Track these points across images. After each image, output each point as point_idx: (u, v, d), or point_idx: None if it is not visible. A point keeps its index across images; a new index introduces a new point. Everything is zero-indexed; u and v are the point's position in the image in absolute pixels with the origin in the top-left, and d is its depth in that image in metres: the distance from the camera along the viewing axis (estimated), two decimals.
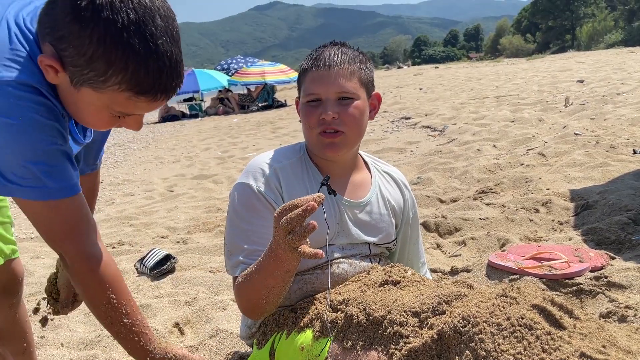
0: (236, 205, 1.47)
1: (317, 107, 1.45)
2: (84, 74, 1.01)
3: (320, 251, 1.15)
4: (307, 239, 1.18)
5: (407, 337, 1.19)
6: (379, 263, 1.58)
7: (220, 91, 17.49)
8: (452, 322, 1.13)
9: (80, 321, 2.35)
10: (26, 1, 1.17)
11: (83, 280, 1.17)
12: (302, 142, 1.61)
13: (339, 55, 1.47)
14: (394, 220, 1.63)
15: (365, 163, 1.66)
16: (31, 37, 1.08)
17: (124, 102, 1.04)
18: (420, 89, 13.51)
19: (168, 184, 5.95)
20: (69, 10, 0.97)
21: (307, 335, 1.36)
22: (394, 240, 1.64)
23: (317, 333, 1.33)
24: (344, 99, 1.45)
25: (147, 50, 0.98)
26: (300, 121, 1.55)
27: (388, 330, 1.22)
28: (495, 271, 2.29)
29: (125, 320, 1.16)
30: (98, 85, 1.02)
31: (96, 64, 0.99)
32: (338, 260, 1.51)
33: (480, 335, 1.08)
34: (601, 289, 2.01)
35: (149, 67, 1.00)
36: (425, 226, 3.03)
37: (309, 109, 1.46)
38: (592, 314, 1.24)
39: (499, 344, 1.05)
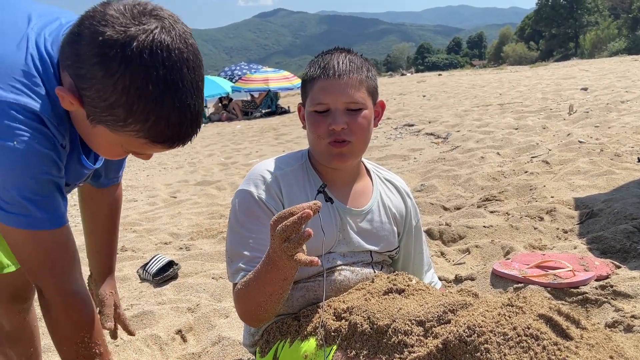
0: (237, 212, 1.47)
1: (325, 117, 1.44)
2: (102, 116, 0.99)
3: (316, 259, 1.14)
4: (304, 247, 1.17)
5: (412, 346, 1.18)
6: (381, 270, 1.57)
7: (220, 98, 17.53)
8: (457, 331, 1.12)
9: None
10: (52, 16, 1.14)
11: (59, 318, 1.13)
12: (304, 149, 1.60)
13: (347, 63, 1.46)
14: (395, 229, 1.62)
15: (367, 170, 1.65)
16: (48, 61, 1.05)
17: (139, 146, 1.04)
18: (424, 96, 13.52)
19: (171, 190, 5.95)
20: (96, 52, 0.94)
21: (311, 344, 1.35)
22: (396, 249, 1.63)
23: (320, 341, 1.32)
24: (352, 108, 1.44)
25: (171, 105, 0.97)
26: (303, 127, 1.55)
27: (392, 340, 1.20)
28: (499, 279, 2.28)
29: (104, 339, 1.16)
30: (115, 129, 1.00)
31: (117, 111, 0.96)
32: (340, 268, 1.50)
33: (486, 345, 1.07)
34: (607, 298, 2.00)
35: (170, 120, 0.98)
36: (429, 234, 3.02)
37: (318, 118, 1.45)
38: (598, 323, 1.22)
39: (505, 354, 1.04)
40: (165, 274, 2.83)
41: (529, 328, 1.06)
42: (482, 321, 1.11)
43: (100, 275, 1.59)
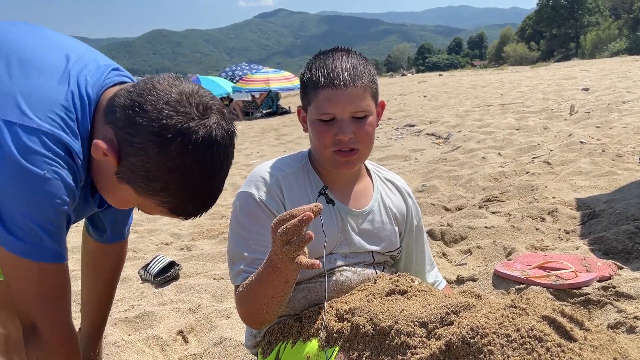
0: (238, 214, 1.47)
1: (331, 126, 1.41)
2: (135, 181, 1.04)
3: (318, 262, 1.13)
4: (306, 249, 1.17)
5: (415, 347, 1.17)
6: (383, 271, 1.57)
7: (221, 99, 17.55)
8: (460, 333, 1.12)
9: None
10: (89, 57, 1.17)
11: (51, 353, 1.12)
12: (304, 150, 1.60)
13: (351, 70, 1.43)
14: (396, 229, 1.61)
15: (368, 170, 1.65)
16: (87, 102, 1.09)
17: (158, 211, 1.09)
18: (425, 96, 13.52)
19: None
20: (157, 132, 0.99)
21: (313, 345, 1.35)
22: (397, 249, 1.63)
23: (323, 342, 1.32)
24: (358, 117, 1.43)
25: (206, 192, 1.06)
26: (304, 130, 1.54)
27: (395, 341, 1.20)
28: (501, 280, 2.27)
29: None
30: (142, 194, 1.05)
31: (154, 184, 1.02)
32: (341, 268, 1.50)
33: (489, 347, 1.07)
34: (609, 299, 1.99)
35: (197, 202, 1.07)
36: (431, 234, 3.01)
37: (323, 127, 1.43)
38: (601, 324, 1.22)
39: (508, 356, 1.04)
40: (166, 275, 2.83)
41: (532, 329, 1.06)
42: (485, 323, 1.11)
43: (91, 330, 1.58)
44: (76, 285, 1.63)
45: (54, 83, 1.07)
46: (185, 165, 1.01)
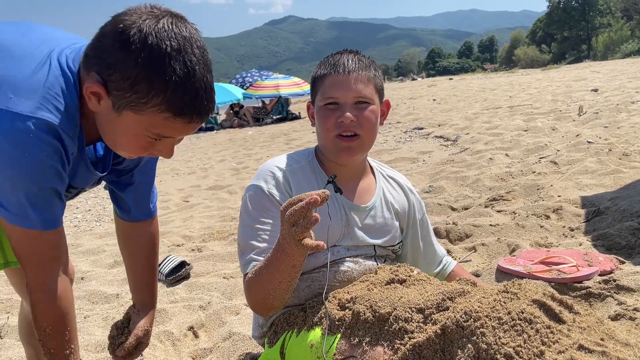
0: (248, 206, 1.53)
1: (334, 111, 1.50)
2: (126, 97, 1.10)
3: (322, 242, 1.19)
4: (312, 234, 1.22)
5: (412, 332, 1.22)
6: (384, 263, 1.62)
7: (232, 105, 17.69)
8: (454, 317, 1.17)
9: (98, 325, 2.41)
10: (72, 40, 1.26)
11: (33, 307, 1.26)
12: (311, 147, 1.67)
13: (356, 62, 1.53)
14: (397, 224, 1.67)
15: (371, 168, 1.71)
16: (70, 75, 1.18)
17: (162, 123, 1.13)
18: (434, 100, 13.53)
19: (184, 194, 6.04)
20: (117, 38, 1.08)
21: (316, 333, 1.40)
22: (398, 243, 1.68)
23: (325, 330, 1.37)
24: (361, 102, 1.51)
25: (185, 74, 1.08)
26: (312, 125, 1.61)
27: (393, 326, 1.25)
28: (504, 275, 2.31)
29: (67, 337, 1.29)
30: (139, 107, 1.10)
31: (139, 87, 1.08)
32: (344, 259, 1.56)
33: (481, 329, 1.11)
34: (610, 292, 2.02)
35: (187, 89, 1.09)
36: (436, 232, 3.05)
37: (327, 112, 1.51)
38: (591, 307, 1.26)
39: (499, 337, 1.09)
40: (177, 274, 2.90)
41: (522, 312, 1.11)
42: (479, 307, 1.16)
43: (142, 308, 1.63)
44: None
45: (36, 66, 1.16)
46: (154, 53, 1.06)
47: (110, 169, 1.40)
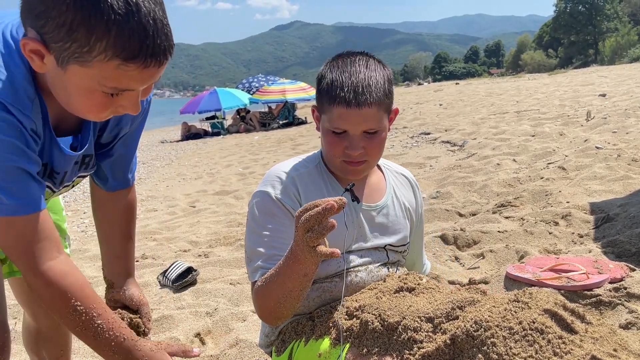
0: (255, 212, 1.50)
1: (342, 139, 1.45)
2: (66, 48, 0.97)
3: (337, 250, 1.16)
4: (326, 242, 1.20)
5: (421, 342, 1.21)
6: (396, 271, 1.61)
7: (238, 110, 17.75)
8: (464, 326, 1.15)
9: None
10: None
11: (41, 295, 1.15)
12: (316, 152, 1.64)
13: (367, 85, 1.41)
14: (408, 223, 1.66)
15: (378, 165, 1.69)
16: (13, 45, 1.06)
17: (114, 74, 0.99)
18: (440, 104, 13.51)
19: (190, 199, 6.05)
20: None
21: (325, 343, 1.38)
22: (408, 244, 1.67)
23: (334, 340, 1.36)
24: (370, 132, 1.45)
25: (127, 10, 0.94)
26: (317, 129, 1.58)
27: (402, 336, 1.24)
28: (513, 283, 2.29)
29: (98, 322, 1.15)
30: (84, 59, 0.97)
31: (77, 34, 0.95)
32: (357, 269, 1.54)
33: (492, 339, 1.10)
34: (620, 300, 2.00)
35: (133, 28, 0.95)
36: (444, 239, 3.04)
37: (334, 138, 1.46)
38: (602, 317, 1.25)
39: (510, 348, 1.07)
40: (184, 280, 2.90)
41: (534, 322, 1.09)
42: (489, 316, 1.14)
43: (121, 280, 1.54)
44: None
45: None
46: None
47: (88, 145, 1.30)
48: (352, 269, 1.53)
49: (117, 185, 1.50)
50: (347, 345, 1.33)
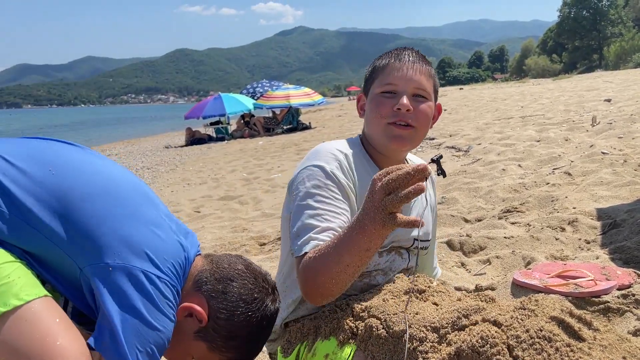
0: (307, 186, 1.42)
1: (391, 99, 1.44)
2: (215, 339, 1.27)
3: (419, 218, 1.08)
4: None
5: (426, 353, 1.19)
6: (416, 263, 1.58)
7: (242, 115, 17.78)
8: (470, 341, 1.13)
9: None
10: (174, 219, 1.35)
11: None
12: (354, 137, 1.60)
13: (420, 57, 1.50)
14: (431, 218, 1.66)
15: (405, 159, 1.68)
16: (186, 265, 1.28)
17: (217, 357, 1.31)
18: (445, 109, 13.51)
19: (195, 205, 6.05)
20: (245, 300, 1.28)
21: (331, 343, 1.37)
22: (430, 240, 1.66)
23: (340, 341, 1.35)
24: (419, 96, 1.45)
25: (256, 349, 1.37)
26: (360, 116, 1.55)
27: (407, 346, 1.23)
28: (520, 289, 2.28)
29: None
30: (214, 349, 1.28)
31: (231, 341, 1.28)
32: (375, 272, 1.53)
33: (497, 357, 1.08)
34: (629, 307, 1.98)
35: (251, 349, 1.35)
36: (450, 245, 3.02)
37: (382, 99, 1.45)
38: (610, 324, 1.23)
39: (518, 357, 1.06)
40: None
41: (541, 330, 1.08)
42: (495, 332, 1.12)
43: None
44: None
45: (170, 236, 1.26)
46: (258, 328, 1.30)
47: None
48: (371, 272, 1.51)
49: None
50: (354, 347, 1.32)
